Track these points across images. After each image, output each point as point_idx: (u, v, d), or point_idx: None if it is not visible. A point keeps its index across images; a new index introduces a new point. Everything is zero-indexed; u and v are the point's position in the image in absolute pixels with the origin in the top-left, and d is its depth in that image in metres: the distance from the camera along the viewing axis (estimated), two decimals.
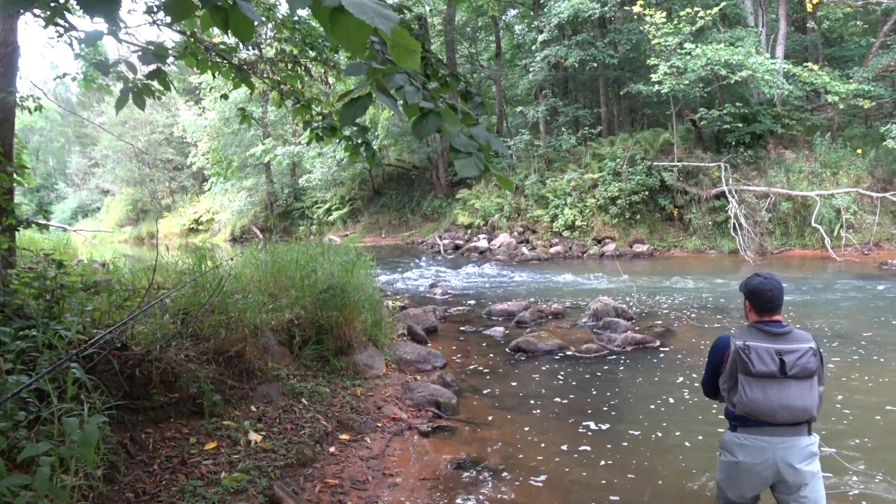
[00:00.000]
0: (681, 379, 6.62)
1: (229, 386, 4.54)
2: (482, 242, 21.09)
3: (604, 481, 4.30)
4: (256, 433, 4.23)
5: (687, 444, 4.93)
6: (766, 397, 3.22)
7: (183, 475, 3.55)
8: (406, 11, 7.66)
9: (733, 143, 19.49)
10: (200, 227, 35.77)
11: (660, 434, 5.15)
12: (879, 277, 12.94)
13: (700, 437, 5.04)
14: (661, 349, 7.85)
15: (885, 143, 17.25)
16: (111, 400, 3.54)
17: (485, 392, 6.37)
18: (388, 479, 4.20)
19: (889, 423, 5.29)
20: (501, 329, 9.05)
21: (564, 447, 4.88)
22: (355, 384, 5.77)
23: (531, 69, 21.93)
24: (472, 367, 7.29)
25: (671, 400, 5.97)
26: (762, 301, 3.35)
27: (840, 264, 15.16)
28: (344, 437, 4.71)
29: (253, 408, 4.61)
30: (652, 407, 5.81)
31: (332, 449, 4.46)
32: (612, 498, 4.07)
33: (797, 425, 3.26)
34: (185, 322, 4.53)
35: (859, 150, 18.74)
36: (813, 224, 16.90)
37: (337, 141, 5.52)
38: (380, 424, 5.09)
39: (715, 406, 5.66)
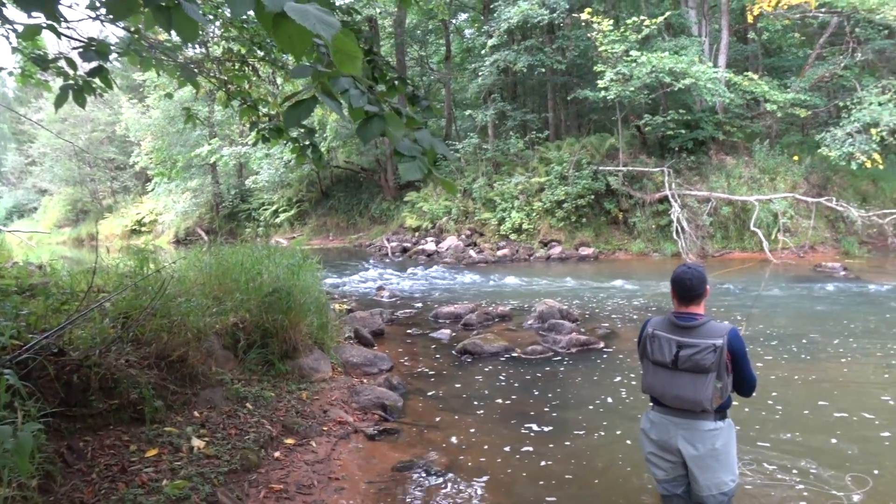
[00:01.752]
0: (623, 379, 6.76)
1: (171, 391, 4.46)
2: (430, 245, 21.12)
3: (546, 480, 4.38)
4: (199, 439, 4.16)
5: (628, 441, 5.05)
6: (659, 384, 3.48)
7: (123, 483, 3.48)
8: (355, 13, 7.65)
9: (676, 148, 19.98)
10: (143, 229, 34.91)
11: (602, 433, 5.26)
12: (814, 279, 13.43)
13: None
14: (605, 350, 8.01)
15: (819, 151, 17.92)
16: (47, 407, 3.44)
17: (431, 394, 6.40)
18: (334, 483, 4.18)
19: (818, 416, 5.50)
20: (448, 331, 9.10)
21: (510, 447, 4.94)
22: (301, 388, 5.73)
23: (480, 73, 22.07)
24: (418, 369, 7.31)
25: (613, 399, 6.11)
26: (680, 290, 3.51)
27: (777, 266, 15.68)
28: (289, 441, 4.67)
29: (196, 413, 4.54)
30: (595, 406, 5.93)
31: (277, 454, 4.42)
32: (554, 496, 4.14)
33: (691, 411, 3.43)
34: (126, 326, 4.43)
35: (796, 157, 19.43)
36: (752, 228, 17.45)
37: (284, 142, 5.48)
38: (325, 428, 5.06)
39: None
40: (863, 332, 8.68)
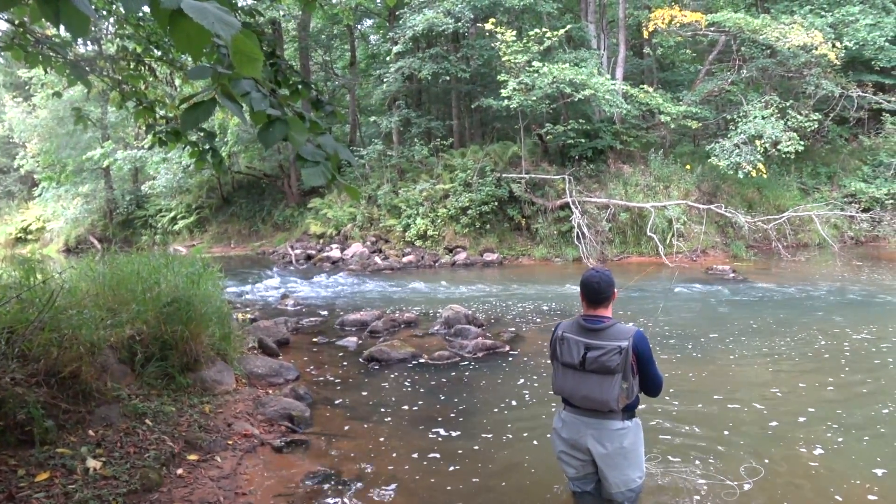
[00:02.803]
0: (528, 381, 6.90)
1: (63, 410, 4.20)
2: (335, 252, 20.88)
3: (454, 485, 4.40)
4: (95, 459, 3.94)
5: (535, 442, 5.16)
6: (568, 384, 3.63)
7: None
8: (258, 15, 7.48)
9: (577, 157, 20.61)
10: (30, 237, 32.78)
11: (509, 435, 5.35)
12: (706, 281, 14.14)
13: (548, 435, 5.25)
14: (511, 353, 8.14)
15: (709, 161, 18.97)
16: None
17: (339, 403, 6.32)
18: (241, 499, 4.06)
19: (713, 411, 5.79)
20: (355, 339, 9.02)
21: (418, 454, 4.95)
22: (203, 401, 5.52)
23: (385, 80, 22.07)
24: (325, 378, 7.21)
25: (519, 402, 6.23)
26: (589, 293, 3.64)
27: (672, 270, 16.40)
28: (192, 457, 4.49)
29: (91, 432, 4.29)
30: (501, 409, 6.02)
31: (179, 471, 4.25)
32: (464, 500, 4.16)
33: (598, 410, 3.59)
34: (11, 342, 4.15)
35: (688, 166, 20.46)
36: (648, 233, 18.21)
37: (182, 146, 5.30)
38: (230, 442, 4.91)
39: (557, 406, 5.94)
40: (751, 330, 9.22)
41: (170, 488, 3.99)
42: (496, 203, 20.22)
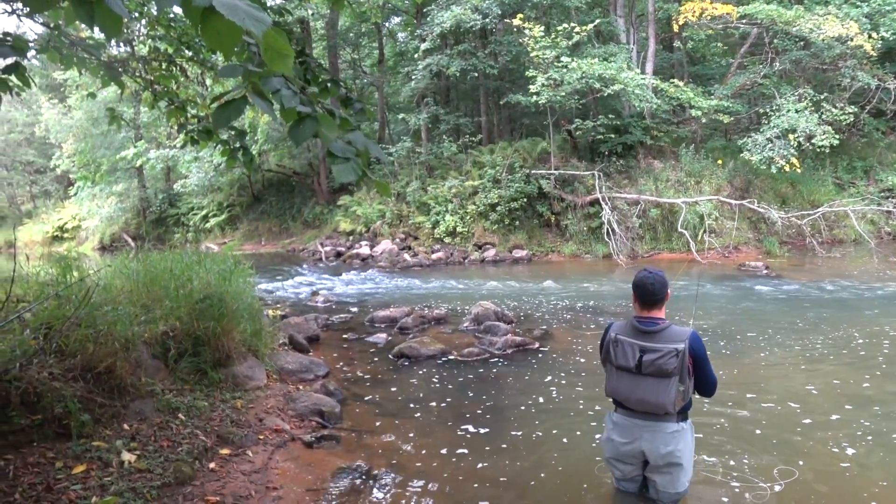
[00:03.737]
0: (557, 379, 6.86)
1: (99, 404, 4.28)
2: (364, 249, 20.99)
3: (481, 482, 4.38)
4: (130, 453, 4.01)
5: (564, 440, 5.12)
6: (623, 387, 3.59)
7: (49, 503, 3.32)
8: (287, 14, 7.55)
9: (606, 152, 20.43)
10: (66, 235, 33.48)
11: (539, 433, 5.32)
12: (738, 277, 13.94)
13: (578, 433, 5.25)
14: (541, 350, 8.11)
15: (741, 155, 18.66)
16: None
17: (369, 399, 6.35)
18: (272, 493, 4.10)
19: (746, 409, 5.70)
20: (384, 335, 9.05)
21: (447, 450, 4.94)
22: (235, 396, 5.59)
23: (413, 77, 22.09)
24: (355, 374, 7.25)
25: (549, 399, 6.19)
26: (643, 294, 3.63)
27: (704, 266, 16.21)
28: (224, 451, 4.55)
29: (126, 426, 4.37)
30: (530, 407, 5.99)
31: (212, 465, 4.30)
32: (491, 498, 4.16)
33: (655, 414, 3.57)
34: (49, 337, 4.23)
35: (720, 161, 20.16)
36: (679, 229, 18.00)
37: (213, 145, 5.35)
38: (262, 437, 4.96)
39: (586, 404, 5.92)
40: (784, 327, 9.06)
41: (202, 482, 4.05)
42: (525, 199, 20.14)
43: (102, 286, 5.44)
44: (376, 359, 7.96)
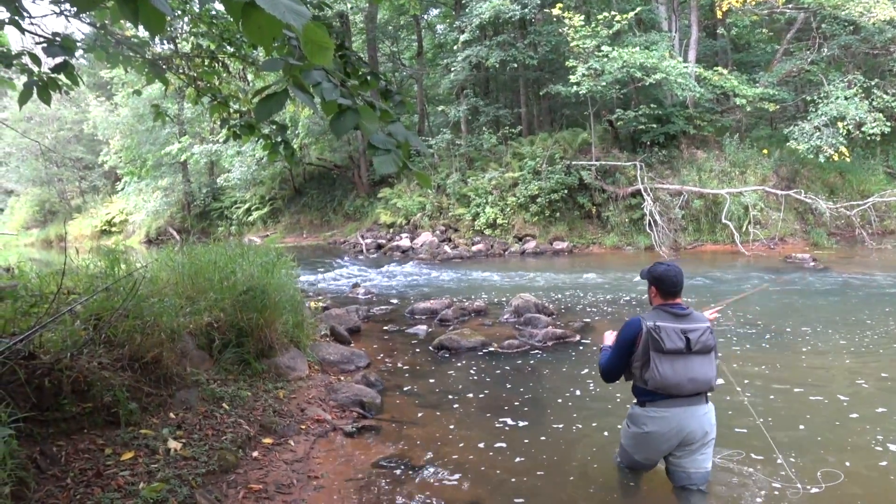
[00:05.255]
0: (598, 372, 6.77)
1: (146, 393, 4.39)
2: (404, 241, 21.09)
3: (520, 477, 4.37)
4: (176, 441, 4.10)
5: (606, 434, 5.08)
6: (674, 372, 3.70)
7: (99, 488, 3.42)
8: (326, 8, 7.60)
9: (648, 142, 20.15)
10: (113, 229, 34.41)
11: (580, 425, 5.29)
12: (784, 270, 13.66)
13: (618, 428, 5.17)
14: (581, 343, 8.06)
15: (788, 144, 18.23)
16: (18, 412, 3.36)
17: (409, 390, 6.39)
18: (314, 482, 4.16)
19: (791, 405, 5.57)
20: (424, 327, 9.09)
21: (485, 443, 4.94)
22: (277, 387, 5.68)
23: (453, 69, 22.07)
24: (395, 365, 7.29)
25: (589, 393, 6.14)
26: (667, 286, 3.83)
27: (749, 258, 15.90)
28: (267, 440, 4.63)
29: (171, 415, 4.48)
30: (571, 400, 5.96)
31: (255, 453, 4.38)
32: (531, 490, 4.15)
33: (698, 395, 3.79)
34: (98, 328, 4.35)
35: (765, 151, 19.72)
36: (723, 220, 17.69)
37: (255, 139, 5.43)
38: (303, 427, 5.03)
39: (625, 397, 5.85)
40: (832, 320, 8.84)
41: (245, 470, 4.12)
42: (566, 191, 20.00)
43: (149, 278, 5.57)
44: (417, 350, 8.00)
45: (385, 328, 9.24)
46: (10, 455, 3.09)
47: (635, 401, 3.97)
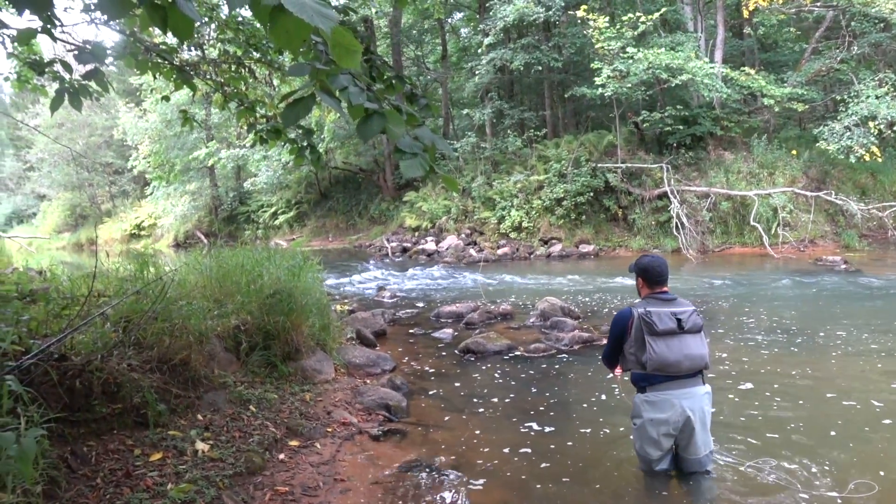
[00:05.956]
0: (626, 375, 6.72)
1: (174, 395, 4.43)
2: (430, 245, 21.11)
3: (544, 483, 4.34)
4: (203, 442, 4.14)
5: (633, 438, 5.00)
6: (670, 351, 3.91)
7: (128, 488, 3.46)
8: (351, 13, 7.64)
9: (675, 144, 19.97)
10: (142, 233, 34.92)
11: (606, 430, 5.24)
12: (814, 272, 13.43)
13: (635, 424, 5.11)
14: None
15: (818, 145, 17.93)
16: (50, 412, 3.42)
17: (434, 394, 6.38)
18: (340, 485, 4.16)
19: (823, 411, 5.47)
20: (450, 331, 9.08)
21: (510, 448, 4.91)
22: (304, 389, 5.71)
23: (477, 72, 22.06)
24: (421, 369, 7.29)
25: (615, 397, 6.08)
26: (653, 276, 4.12)
27: (778, 261, 15.68)
28: (293, 443, 4.65)
29: (199, 416, 4.52)
30: (596, 404, 5.91)
31: (281, 456, 4.40)
32: (557, 497, 4.12)
33: (695, 376, 4.01)
34: (127, 330, 4.41)
35: (794, 151, 19.43)
36: (751, 222, 17.45)
37: (282, 144, 5.46)
38: (330, 429, 5.04)
39: None
40: (864, 325, 8.66)
41: (272, 472, 4.14)
42: (591, 193, 19.89)
43: (178, 282, 5.63)
44: (442, 354, 7.99)
45: (411, 331, 9.25)
46: (43, 455, 3.14)
47: (636, 391, 4.17)
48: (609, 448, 4.88)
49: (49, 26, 3.92)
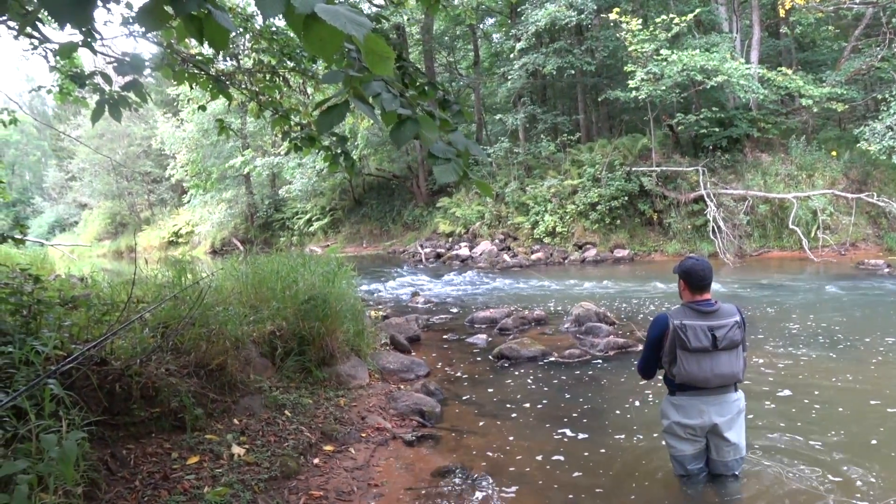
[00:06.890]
0: (660, 383, 6.62)
1: (211, 399, 4.50)
2: (463, 250, 21.11)
3: (577, 492, 4.26)
4: (239, 446, 4.19)
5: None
6: (700, 369, 3.81)
7: (165, 491, 3.52)
8: (384, 20, 7.69)
9: (710, 147, 19.70)
10: (180, 240, 35.54)
11: (640, 436, 5.17)
12: (856, 276, 13.13)
13: (665, 425, 5.02)
14: None
15: (858, 145, 17.52)
16: (90, 416, 3.49)
17: (468, 399, 6.37)
18: (374, 490, 4.18)
19: (865, 419, 5.32)
20: (484, 336, 9.06)
21: (543, 455, 4.86)
22: (338, 395, 5.74)
23: (509, 77, 22.05)
24: (455, 374, 7.28)
25: (649, 405, 6.00)
26: (695, 280, 3.94)
27: (818, 265, 15.35)
28: (328, 448, 4.68)
29: (235, 421, 4.57)
30: (630, 412, 5.84)
31: (316, 460, 4.43)
32: (594, 502, 4.07)
33: (726, 386, 3.91)
34: (166, 335, 4.49)
35: (834, 153, 19.02)
36: (790, 226, 17.12)
37: (316, 151, 5.51)
38: (364, 434, 5.06)
39: None
40: None
41: (307, 476, 4.18)
42: (626, 198, 19.72)
43: (214, 288, 5.72)
44: (476, 359, 7.98)
45: (444, 337, 9.25)
46: (83, 457, 3.21)
47: (668, 391, 4.11)
48: (643, 457, 4.80)
49: (89, 40, 4.02)
